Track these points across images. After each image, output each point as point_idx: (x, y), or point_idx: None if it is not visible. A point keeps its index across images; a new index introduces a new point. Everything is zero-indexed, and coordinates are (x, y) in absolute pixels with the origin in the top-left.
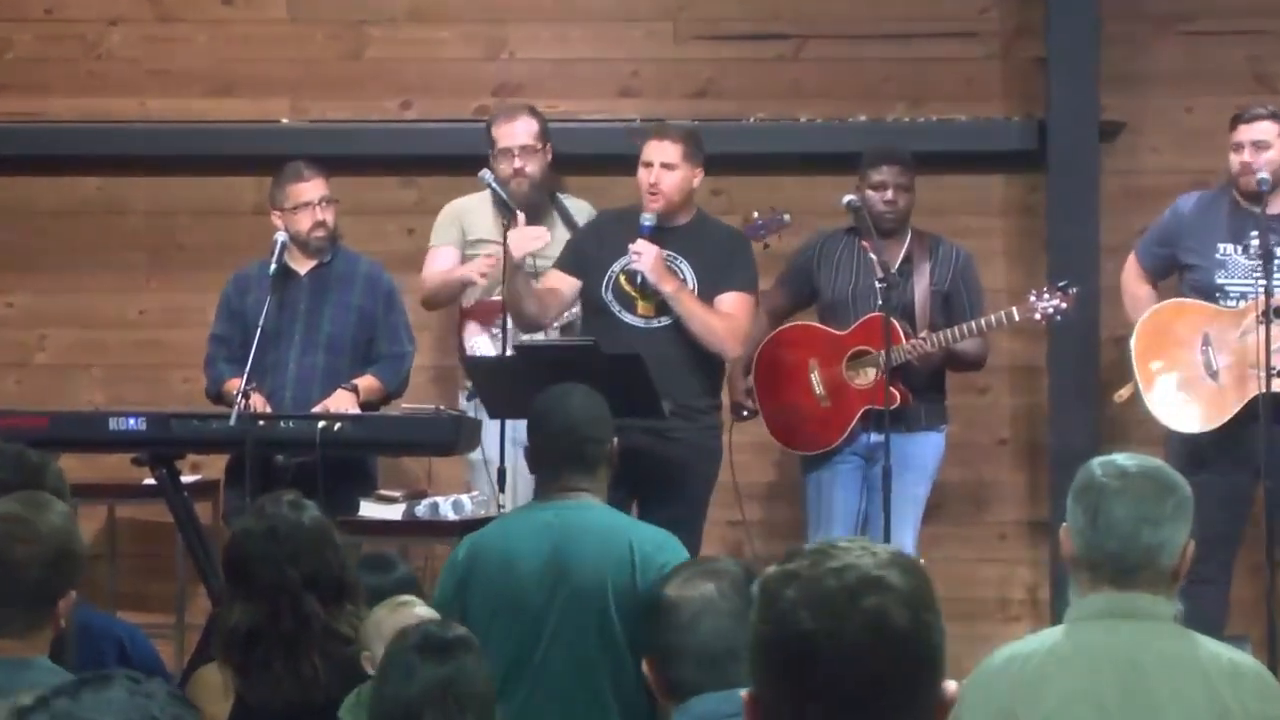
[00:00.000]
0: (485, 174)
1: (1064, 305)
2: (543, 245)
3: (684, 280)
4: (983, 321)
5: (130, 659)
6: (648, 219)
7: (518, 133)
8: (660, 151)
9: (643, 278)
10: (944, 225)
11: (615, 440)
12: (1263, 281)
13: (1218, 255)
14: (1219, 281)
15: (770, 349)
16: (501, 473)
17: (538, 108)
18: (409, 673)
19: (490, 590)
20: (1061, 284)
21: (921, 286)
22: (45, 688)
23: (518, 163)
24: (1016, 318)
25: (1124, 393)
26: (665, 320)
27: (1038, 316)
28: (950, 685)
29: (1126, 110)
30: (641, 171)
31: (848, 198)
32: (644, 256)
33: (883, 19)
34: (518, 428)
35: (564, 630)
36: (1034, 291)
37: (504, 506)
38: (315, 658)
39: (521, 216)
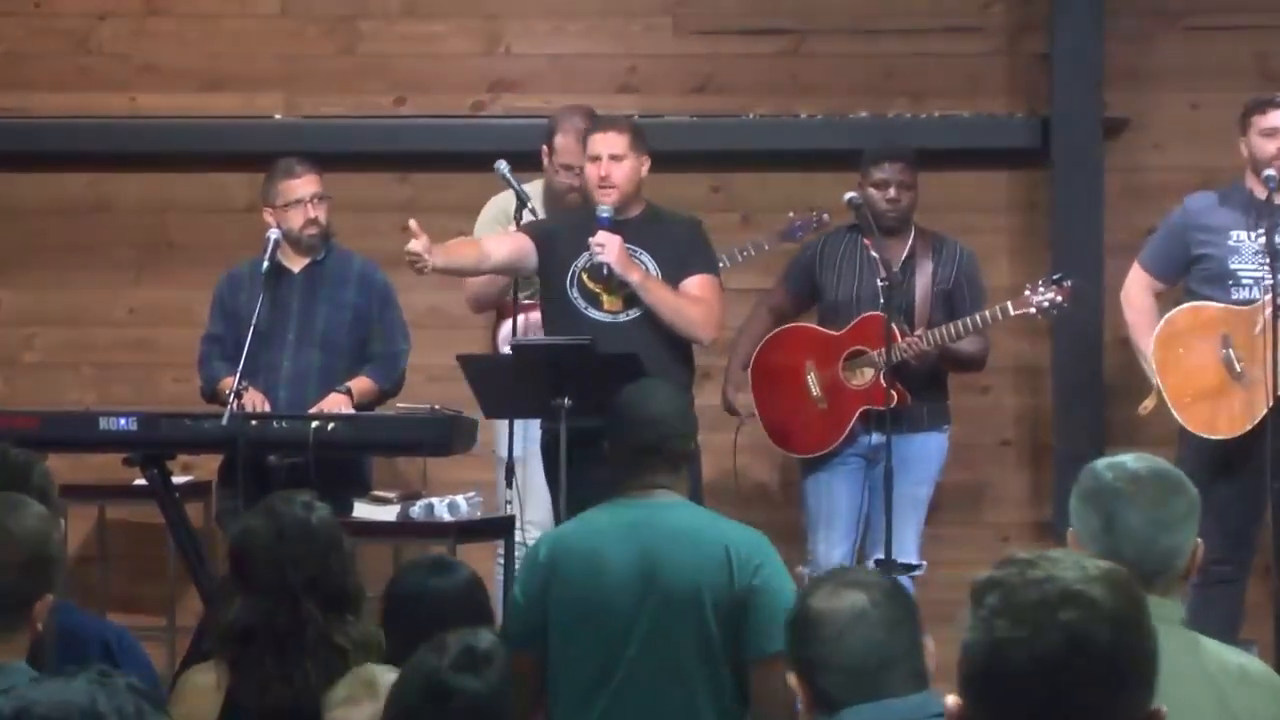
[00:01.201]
0: (501, 165)
1: (1059, 299)
2: None
3: (648, 271)
4: (978, 317)
5: (116, 661)
6: (604, 210)
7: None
8: (607, 144)
9: (609, 269)
10: (947, 223)
11: (699, 439)
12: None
13: (1230, 242)
14: (1232, 267)
15: (766, 352)
16: (510, 469)
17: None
18: (438, 694)
19: (575, 593)
20: (1056, 276)
21: (923, 285)
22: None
23: (576, 180)
24: (1012, 312)
25: (1148, 404)
26: (633, 314)
27: (1033, 310)
28: (1163, 707)
29: (1131, 107)
30: (589, 166)
31: (850, 195)
32: (608, 248)
33: (884, 14)
34: (529, 425)
35: (655, 635)
36: (1029, 285)
37: (510, 503)
38: (308, 663)
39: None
